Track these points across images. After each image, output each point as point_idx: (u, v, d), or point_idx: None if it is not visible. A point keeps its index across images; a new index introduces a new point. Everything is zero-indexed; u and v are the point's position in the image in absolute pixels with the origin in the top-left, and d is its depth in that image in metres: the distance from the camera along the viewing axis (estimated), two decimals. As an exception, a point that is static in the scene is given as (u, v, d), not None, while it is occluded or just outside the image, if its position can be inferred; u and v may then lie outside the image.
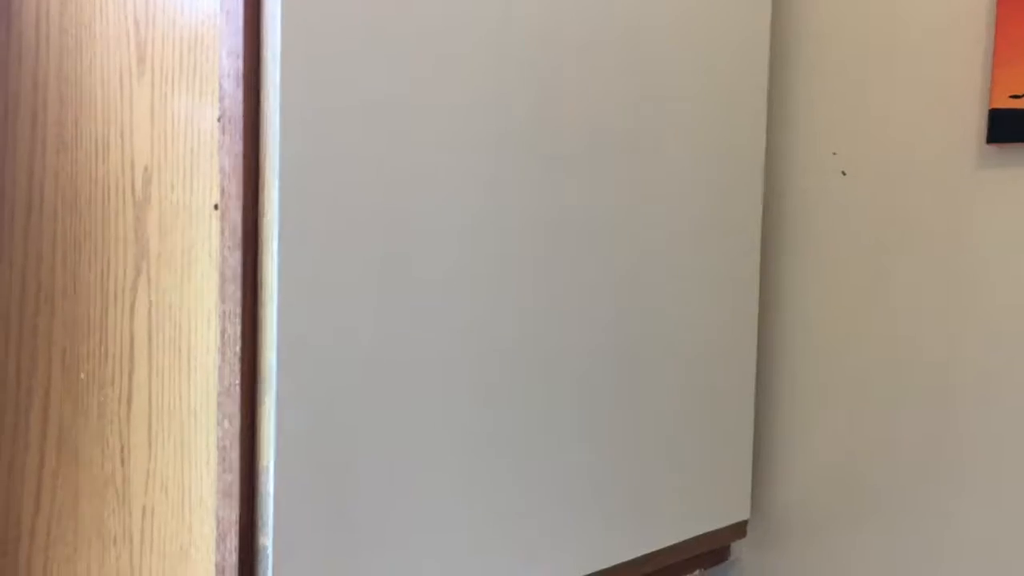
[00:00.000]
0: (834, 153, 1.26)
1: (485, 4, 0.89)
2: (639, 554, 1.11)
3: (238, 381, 0.77)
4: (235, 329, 0.77)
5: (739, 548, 1.34)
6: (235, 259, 0.77)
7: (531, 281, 0.95)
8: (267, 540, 0.77)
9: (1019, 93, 1.13)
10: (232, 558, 0.77)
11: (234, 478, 0.77)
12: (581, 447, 1.02)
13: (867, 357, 1.25)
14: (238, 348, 0.77)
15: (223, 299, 0.78)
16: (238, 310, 0.77)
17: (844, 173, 1.26)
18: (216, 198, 0.79)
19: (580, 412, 1.02)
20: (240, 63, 0.76)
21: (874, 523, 1.26)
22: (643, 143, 1.06)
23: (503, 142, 0.92)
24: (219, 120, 0.78)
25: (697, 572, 1.23)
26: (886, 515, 1.25)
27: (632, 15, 1.03)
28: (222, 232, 0.78)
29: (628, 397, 1.07)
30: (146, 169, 0.85)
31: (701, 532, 1.20)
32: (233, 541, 0.77)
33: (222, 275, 0.78)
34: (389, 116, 0.82)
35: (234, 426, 0.77)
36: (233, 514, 0.77)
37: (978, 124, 1.17)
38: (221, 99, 0.77)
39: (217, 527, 0.79)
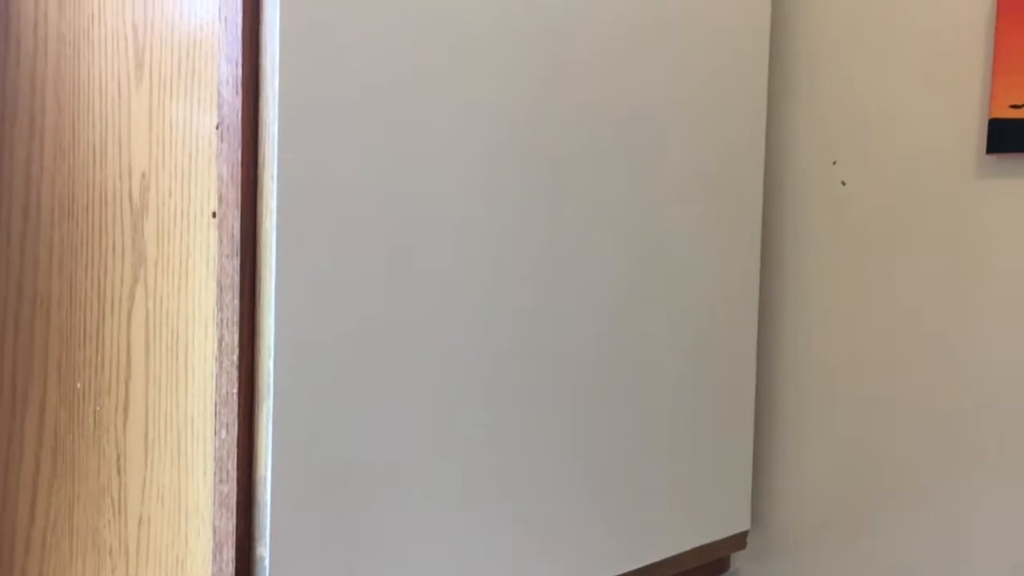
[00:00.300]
0: (834, 162, 1.26)
1: (484, 5, 0.89)
2: (638, 565, 1.10)
3: (235, 390, 0.76)
4: (233, 337, 0.76)
5: (739, 560, 1.34)
6: (233, 267, 0.76)
7: (530, 291, 0.95)
8: (264, 551, 0.76)
9: (1019, 103, 1.13)
10: (229, 569, 0.77)
11: (231, 488, 0.77)
12: (580, 458, 1.02)
13: (868, 367, 1.25)
14: (235, 357, 0.76)
15: (220, 307, 0.77)
16: (236, 318, 0.76)
17: (844, 183, 1.25)
18: (214, 206, 0.78)
19: (579, 423, 1.01)
20: (238, 70, 0.75)
21: (875, 534, 1.25)
22: (643, 144, 1.06)
23: (502, 148, 0.91)
24: (217, 127, 0.77)
25: (696, 583, 1.23)
26: (887, 526, 1.24)
27: (632, 16, 1.03)
28: (220, 240, 0.77)
29: (627, 407, 1.07)
30: (144, 176, 0.84)
31: (700, 544, 1.19)
32: (230, 552, 0.77)
33: (220, 283, 0.77)
34: (388, 125, 0.82)
35: (231, 435, 0.77)
36: (230, 524, 0.77)
37: (978, 134, 1.17)
38: (219, 106, 0.77)
39: (214, 538, 0.78)
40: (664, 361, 1.11)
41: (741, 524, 1.25)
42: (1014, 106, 1.13)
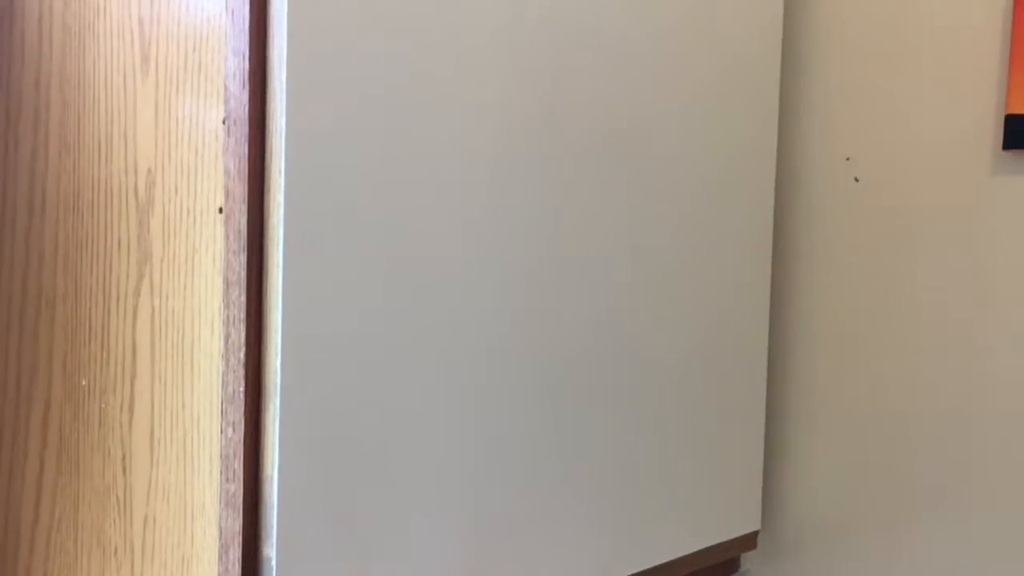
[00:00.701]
0: (847, 159, 1.25)
1: (494, 4, 0.88)
2: (647, 566, 1.10)
3: (242, 388, 0.75)
4: (239, 335, 0.76)
5: (749, 560, 1.33)
6: (239, 263, 0.75)
7: (538, 288, 0.94)
8: (271, 551, 0.76)
9: (1035, 99, 1.12)
10: (235, 569, 0.76)
11: (237, 487, 0.76)
12: (587, 456, 1.01)
13: (881, 365, 1.24)
14: (242, 354, 0.75)
15: (227, 304, 0.77)
16: (242, 315, 0.75)
17: (857, 179, 1.24)
18: (220, 201, 0.78)
19: (586, 420, 1.00)
20: (246, 63, 0.75)
21: (886, 534, 1.24)
22: (651, 143, 1.05)
23: (513, 145, 0.91)
24: (224, 122, 0.77)
25: (707, 584, 1.22)
26: (898, 526, 1.23)
27: (642, 14, 1.02)
28: (226, 236, 0.76)
29: (635, 406, 1.06)
30: (149, 171, 0.83)
31: (710, 544, 1.18)
32: (236, 552, 0.76)
33: (226, 279, 0.77)
34: (397, 117, 0.81)
35: (238, 434, 0.76)
36: (236, 524, 0.76)
37: (994, 130, 1.16)
38: (226, 100, 0.76)
39: (220, 538, 0.78)
40: (674, 360, 1.10)
41: (751, 524, 1.24)
42: (1030, 102, 1.12)
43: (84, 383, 0.90)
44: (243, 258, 0.75)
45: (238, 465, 0.76)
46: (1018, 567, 1.17)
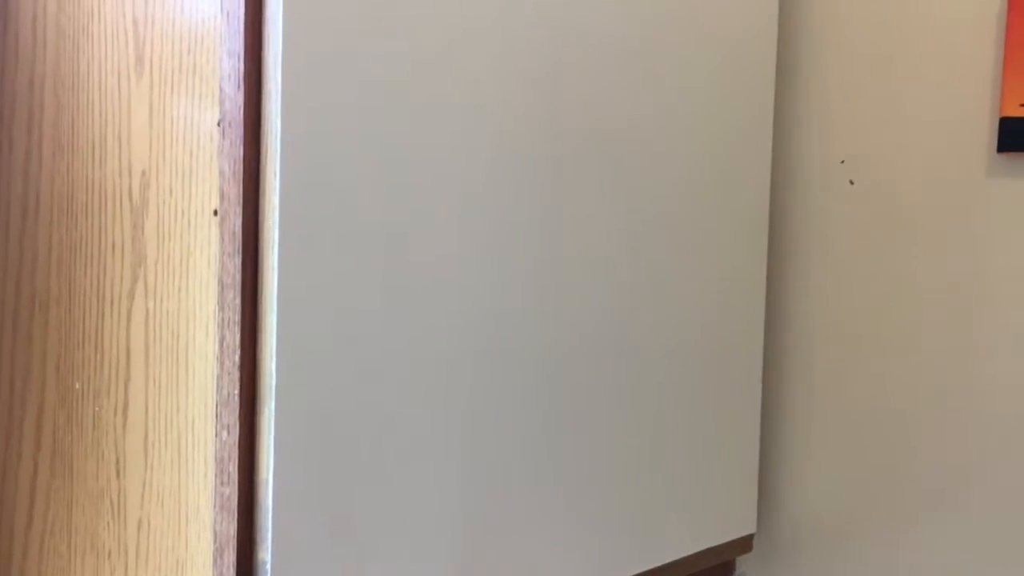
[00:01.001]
0: (842, 161, 1.25)
1: (489, 4, 0.88)
2: (642, 569, 1.09)
3: (237, 391, 0.75)
4: (234, 337, 0.75)
5: (744, 563, 1.33)
6: (234, 265, 0.75)
7: (534, 288, 0.94)
8: (266, 555, 0.75)
9: (1029, 102, 1.12)
10: (230, 573, 0.76)
11: (232, 491, 0.76)
12: (583, 460, 1.01)
13: (877, 367, 1.24)
14: (237, 357, 0.75)
15: (222, 306, 0.76)
16: (237, 318, 0.75)
17: (852, 182, 1.24)
18: (215, 203, 0.77)
19: (583, 425, 1.00)
20: (241, 65, 0.74)
21: (882, 537, 1.24)
22: (647, 144, 1.05)
23: (509, 148, 0.90)
24: (219, 123, 0.76)
25: (702, 587, 1.22)
26: (898, 529, 1.23)
27: (638, 15, 1.02)
28: (221, 238, 0.76)
29: (631, 408, 1.06)
30: (144, 173, 0.83)
31: (705, 547, 1.18)
32: (231, 556, 0.76)
33: (221, 282, 0.76)
34: (393, 118, 0.81)
35: (232, 437, 0.76)
36: (231, 528, 0.76)
37: (988, 132, 1.16)
38: (221, 102, 0.76)
39: (214, 541, 0.77)
40: (669, 362, 1.10)
41: (747, 527, 1.24)
42: (1025, 105, 1.12)
43: (78, 386, 0.90)
44: (238, 260, 0.75)
45: (233, 468, 0.76)
46: (1018, 569, 1.17)
